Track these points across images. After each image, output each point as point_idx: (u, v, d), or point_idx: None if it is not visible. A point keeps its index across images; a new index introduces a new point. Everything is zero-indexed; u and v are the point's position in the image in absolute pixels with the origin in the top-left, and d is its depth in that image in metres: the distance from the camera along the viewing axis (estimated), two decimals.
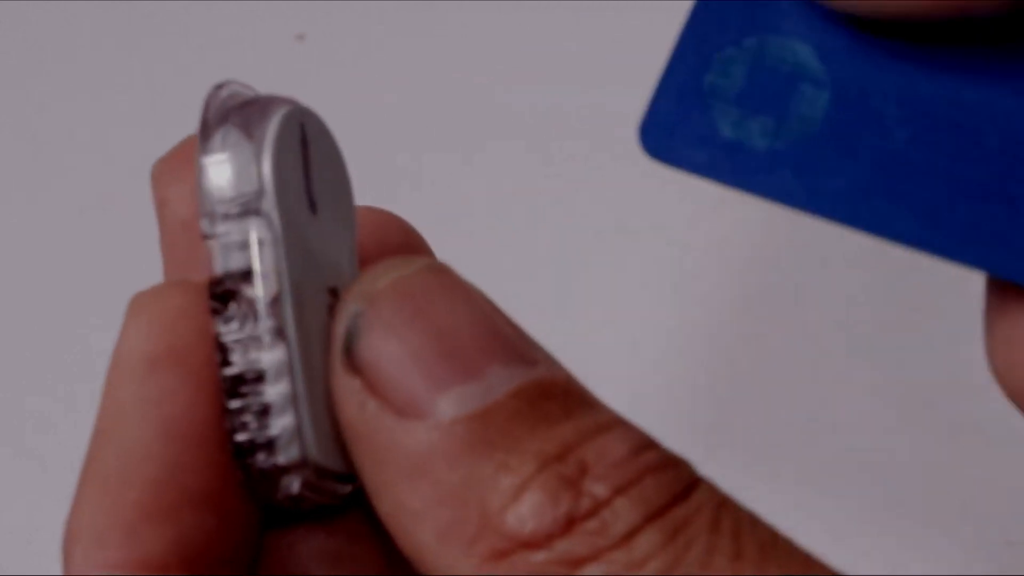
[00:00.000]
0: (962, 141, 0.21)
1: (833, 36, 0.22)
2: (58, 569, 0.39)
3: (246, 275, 0.20)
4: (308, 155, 0.22)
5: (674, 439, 0.21)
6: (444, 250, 0.42)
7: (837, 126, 0.22)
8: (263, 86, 0.54)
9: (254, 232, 0.21)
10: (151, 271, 0.45)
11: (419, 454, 0.19)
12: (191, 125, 0.54)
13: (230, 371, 0.20)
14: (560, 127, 0.46)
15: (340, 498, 0.22)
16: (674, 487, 0.19)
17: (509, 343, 0.20)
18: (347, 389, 0.20)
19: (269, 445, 0.20)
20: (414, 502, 0.19)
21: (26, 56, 0.49)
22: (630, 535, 0.19)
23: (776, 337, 0.43)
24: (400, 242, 0.24)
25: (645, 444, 0.20)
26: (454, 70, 0.48)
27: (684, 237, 0.44)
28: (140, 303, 0.21)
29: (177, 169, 0.22)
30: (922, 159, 0.21)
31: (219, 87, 0.22)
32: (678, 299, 0.43)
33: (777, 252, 0.43)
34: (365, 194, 0.50)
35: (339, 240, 0.23)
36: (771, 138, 0.22)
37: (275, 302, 0.20)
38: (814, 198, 0.21)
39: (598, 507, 0.19)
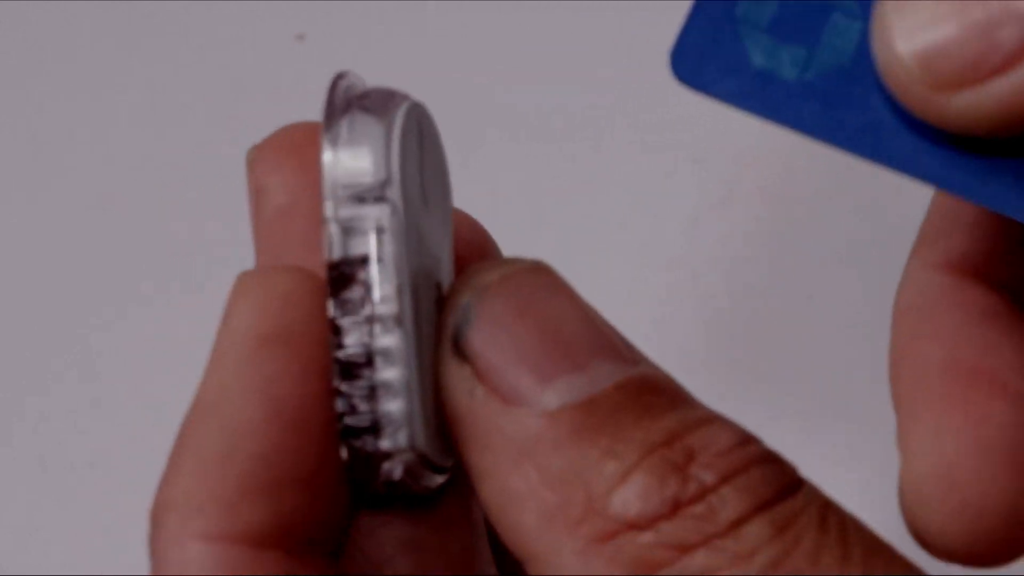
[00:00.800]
0: None
1: None
2: (57, 569, 0.39)
3: (366, 260, 0.21)
4: (423, 150, 0.23)
5: None
6: None
7: (868, 59, 0.21)
8: (263, 86, 0.54)
9: (379, 219, 0.21)
10: (151, 271, 0.45)
11: (525, 439, 0.20)
12: (191, 125, 0.54)
13: (343, 354, 0.21)
14: (562, 127, 0.46)
15: (431, 490, 0.22)
16: (780, 481, 0.20)
17: (611, 341, 0.21)
18: (456, 376, 0.21)
19: (376, 429, 0.21)
20: (519, 485, 0.20)
21: (26, 56, 0.49)
22: (737, 524, 0.19)
23: (785, 333, 0.43)
24: (471, 240, 0.25)
25: (749, 438, 0.20)
26: (454, 70, 0.48)
27: (686, 235, 0.44)
28: (247, 283, 0.21)
29: (275, 157, 0.22)
30: None
31: (340, 76, 0.23)
32: (681, 297, 0.43)
33: (782, 249, 0.43)
34: None
35: (441, 236, 0.23)
36: (801, 68, 0.22)
37: (395, 289, 0.21)
38: (840, 131, 0.21)
39: (705, 492, 0.19)
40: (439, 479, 0.22)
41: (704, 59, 0.22)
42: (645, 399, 0.20)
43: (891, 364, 0.25)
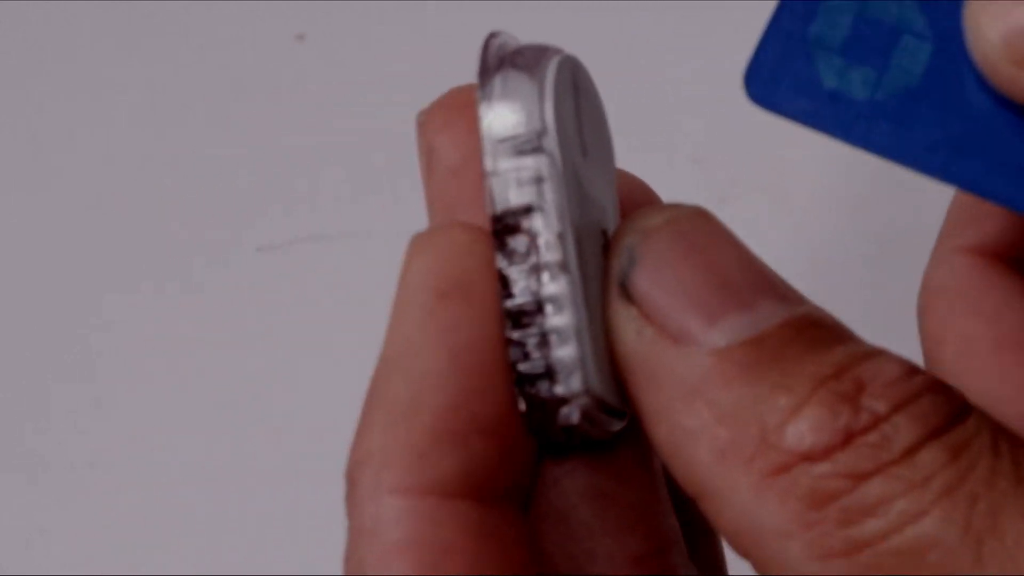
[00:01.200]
0: None
1: None
2: (57, 569, 0.39)
3: (529, 210, 0.21)
4: (579, 102, 0.23)
5: None
6: None
7: (937, 80, 0.22)
8: (263, 86, 0.54)
9: (538, 169, 0.21)
10: (151, 271, 0.45)
11: (696, 377, 0.21)
12: (191, 125, 0.54)
13: (513, 303, 0.21)
14: None
15: (610, 434, 0.22)
16: (950, 408, 0.20)
17: (774, 282, 0.22)
18: (624, 317, 0.21)
19: (551, 375, 0.21)
20: (691, 422, 0.20)
21: (26, 56, 0.49)
22: (912, 451, 0.19)
23: None
24: (634, 194, 0.25)
25: (915, 368, 0.20)
26: (454, 70, 0.48)
27: None
28: (422, 241, 0.22)
29: (444, 118, 0.23)
30: (1018, 117, 0.21)
31: (493, 36, 0.23)
32: None
33: (782, 248, 0.43)
34: (365, 193, 0.50)
35: (604, 185, 0.23)
36: (872, 89, 0.22)
37: (558, 236, 0.21)
38: (910, 151, 0.22)
39: (877, 422, 0.20)
40: (616, 424, 0.22)
41: (777, 79, 0.22)
42: (811, 334, 0.21)
43: (927, 340, 0.26)
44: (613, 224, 0.23)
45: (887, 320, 0.43)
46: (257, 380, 0.43)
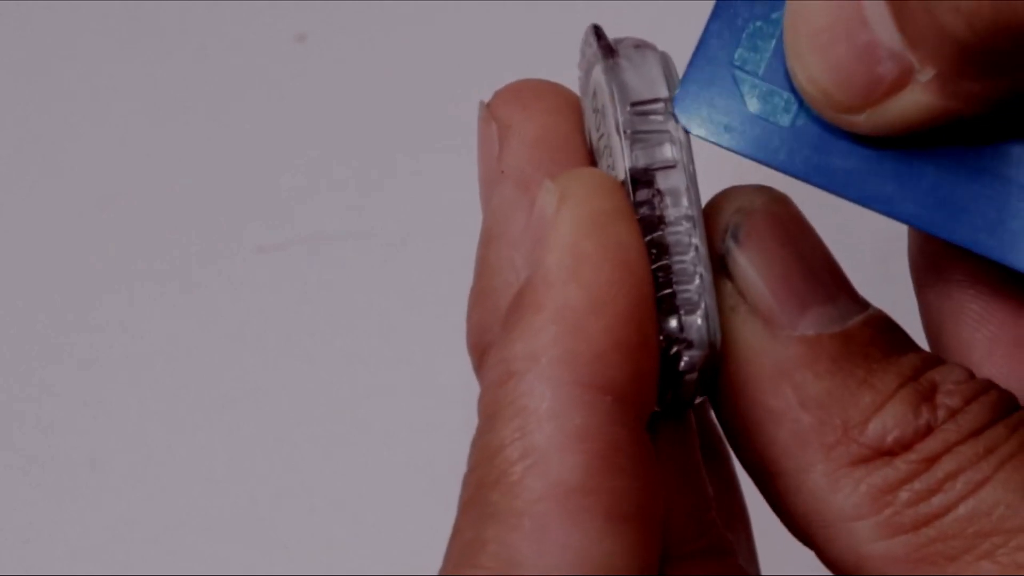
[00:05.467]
0: (965, 125, 0.22)
1: None
2: (57, 569, 0.39)
3: (664, 167, 0.23)
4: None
5: None
6: (444, 248, 0.42)
7: None
8: (263, 86, 0.54)
9: (674, 129, 0.23)
10: (151, 270, 0.45)
11: (786, 359, 0.22)
12: (191, 124, 0.54)
13: (654, 247, 0.22)
14: None
15: (683, 408, 0.24)
16: (1009, 400, 0.22)
17: (847, 281, 0.23)
18: (722, 291, 0.23)
19: (681, 322, 0.22)
20: (776, 403, 0.22)
21: (26, 56, 0.49)
22: (978, 431, 0.21)
23: None
24: None
25: (972, 372, 0.22)
26: (454, 70, 0.48)
27: None
28: (571, 176, 0.22)
29: (519, 99, 0.25)
30: (929, 141, 0.22)
31: (596, 27, 0.25)
32: None
33: None
34: (366, 192, 0.50)
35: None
36: (793, 114, 0.22)
37: (693, 192, 0.23)
38: (828, 175, 0.22)
39: (954, 414, 0.22)
40: (699, 397, 0.23)
41: (703, 104, 0.23)
42: (889, 336, 0.22)
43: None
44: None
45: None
46: (256, 380, 0.43)
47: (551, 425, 0.21)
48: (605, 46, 0.24)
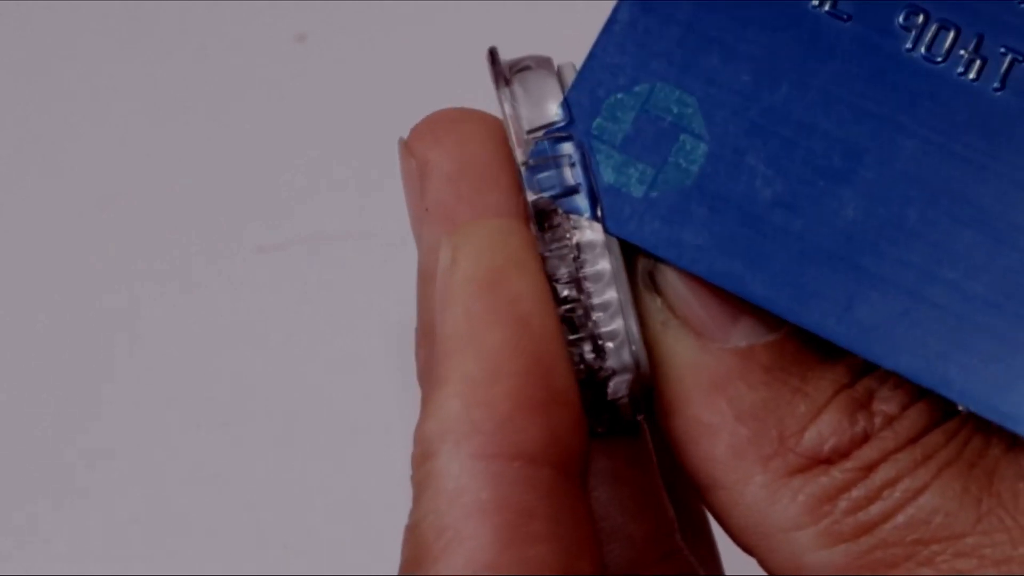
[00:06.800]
0: (824, 208, 0.22)
1: (719, 90, 0.22)
2: (57, 569, 0.39)
3: (570, 192, 0.22)
4: None
5: None
6: None
7: (710, 181, 0.22)
8: (263, 86, 0.54)
9: (570, 154, 0.23)
10: (151, 270, 0.45)
11: (719, 373, 0.22)
12: (191, 124, 0.54)
13: (560, 283, 0.22)
14: None
15: (637, 421, 0.23)
16: (941, 405, 0.22)
17: None
18: (651, 307, 0.22)
19: (600, 350, 0.22)
20: (711, 417, 0.22)
21: (26, 56, 0.49)
22: (915, 438, 0.21)
23: None
24: None
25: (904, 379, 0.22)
26: (454, 70, 0.48)
27: None
28: (466, 231, 0.22)
29: (434, 134, 0.24)
30: (781, 223, 0.22)
31: (494, 50, 0.24)
32: None
33: None
34: (366, 192, 0.50)
35: None
36: (648, 186, 0.22)
37: (595, 217, 0.22)
38: (677, 250, 0.22)
39: (891, 421, 0.22)
40: (639, 416, 0.23)
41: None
42: (823, 342, 0.22)
43: None
44: None
45: None
46: (256, 379, 0.43)
47: (461, 501, 0.21)
48: (498, 72, 0.24)
